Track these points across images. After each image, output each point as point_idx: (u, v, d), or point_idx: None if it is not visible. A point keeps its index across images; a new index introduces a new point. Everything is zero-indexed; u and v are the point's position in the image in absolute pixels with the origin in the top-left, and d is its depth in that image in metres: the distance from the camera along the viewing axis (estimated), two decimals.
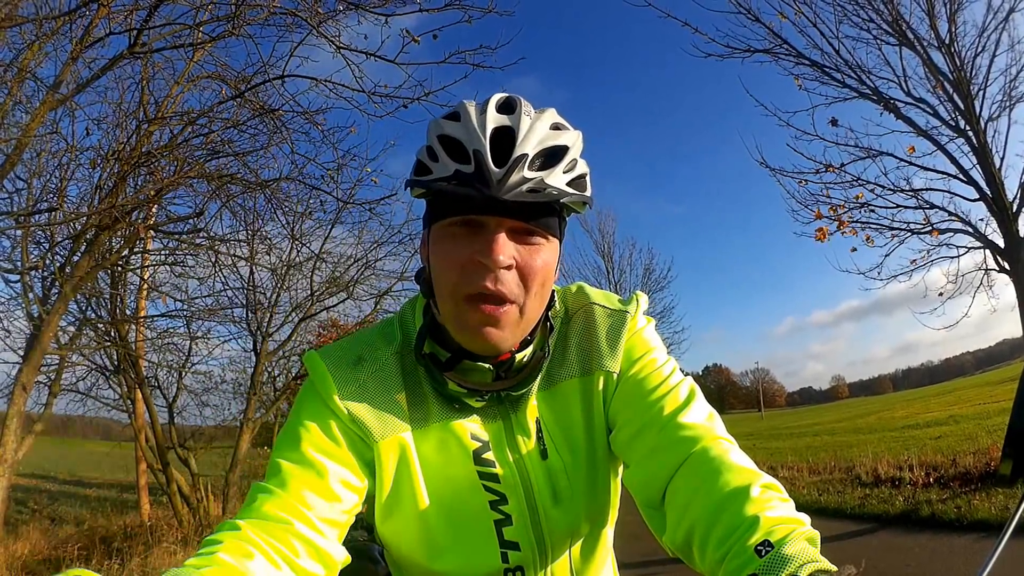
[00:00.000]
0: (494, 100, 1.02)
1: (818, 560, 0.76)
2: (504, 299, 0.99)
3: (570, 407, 1.14)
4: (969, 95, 9.45)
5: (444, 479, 1.10)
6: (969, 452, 10.32)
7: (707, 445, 1.01)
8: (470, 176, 0.94)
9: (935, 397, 37.24)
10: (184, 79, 7.50)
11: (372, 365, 1.11)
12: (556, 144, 1.00)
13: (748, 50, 10.21)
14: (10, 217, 6.90)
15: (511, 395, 1.10)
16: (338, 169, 7.65)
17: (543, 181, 0.96)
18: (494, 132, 0.97)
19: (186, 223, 7.65)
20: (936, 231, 9.91)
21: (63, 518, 12.63)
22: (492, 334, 1.00)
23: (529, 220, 0.99)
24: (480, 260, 0.97)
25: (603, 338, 1.15)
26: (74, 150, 7.23)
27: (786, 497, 0.90)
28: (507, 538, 1.11)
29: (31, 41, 6.11)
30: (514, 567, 1.12)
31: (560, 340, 1.17)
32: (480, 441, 1.10)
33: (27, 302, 7.18)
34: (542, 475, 1.12)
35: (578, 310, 1.20)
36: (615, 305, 1.20)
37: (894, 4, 9.62)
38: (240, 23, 5.52)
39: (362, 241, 11.57)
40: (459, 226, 0.99)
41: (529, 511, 1.11)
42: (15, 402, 6.60)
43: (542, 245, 1.02)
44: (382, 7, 5.57)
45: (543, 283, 1.03)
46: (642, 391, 1.12)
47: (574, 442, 1.15)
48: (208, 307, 9.88)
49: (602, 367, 1.14)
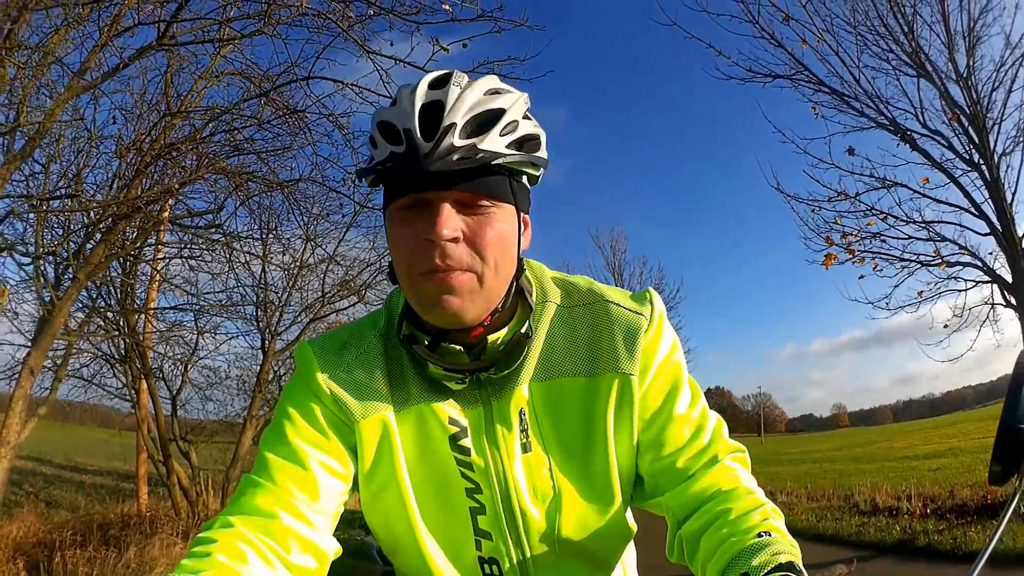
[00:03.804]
0: (427, 79, 1.02)
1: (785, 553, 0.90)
2: (455, 269, 0.97)
3: (569, 405, 1.09)
4: (984, 129, 9.50)
5: (425, 462, 1.09)
6: (967, 485, 10.32)
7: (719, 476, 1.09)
8: (402, 155, 0.94)
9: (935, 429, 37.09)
10: (209, 74, 7.54)
11: (356, 349, 1.13)
12: (489, 108, 0.98)
13: (769, 75, 10.31)
14: (27, 201, 6.92)
15: (492, 379, 1.07)
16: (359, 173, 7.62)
17: (475, 147, 0.94)
18: (423, 108, 0.96)
19: (203, 218, 7.68)
20: (945, 264, 9.91)
21: (58, 502, 12.62)
22: (450, 302, 0.98)
23: (471, 189, 0.97)
24: (426, 238, 0.96)
25: (618, 339, 1.10)
26: (95, 137, 7.27)
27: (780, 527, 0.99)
28: (480, 526, 1.10)
29: (57, 26, 6.15)
30: (488, 556, 1.11)
31: (563, 332, 1.12)
32: (458, 426, 1.08)
33: (39, 286, 7.19)
34: (520, 468, 1.08)
35: (585, 304, 1.15)
36: (631, 304, 1.14)
37: (914, 35, 9.69)
38: (270, 21, 5.56)
39: (376, 246, 11.54)
40: (407, 209, 0.99)
41: (502, 502, 1.08)
42: (22, 385, 6.60)
43: (492, 213, 0.99)
44: (413, 15, 5.60)
45: (502, 251, 1.00)
46: (661, 401, 1.12)
47: (568, 442, 1.10)
48: (219, 302, 9.88)
49: (617, 369, 1.08)
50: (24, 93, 5.85)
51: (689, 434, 1.11)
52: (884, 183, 9.98)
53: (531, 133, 1.02)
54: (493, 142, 0.96)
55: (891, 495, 10.28)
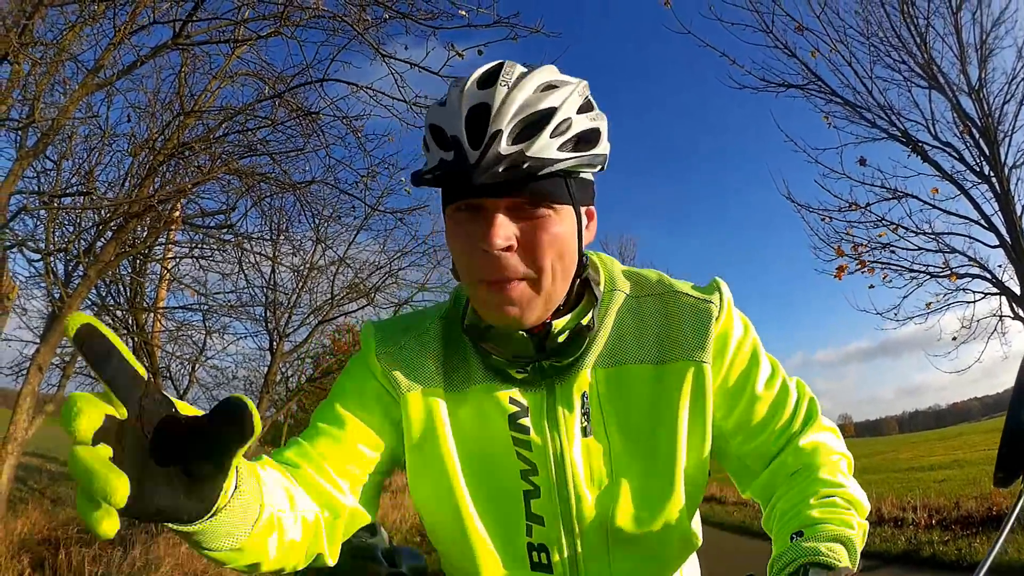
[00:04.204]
0: (475, 76, 0.98)
1: (823, 555, 0.91)
2: (510, 279, 0.96)
3: (635, 392, 1.08)
4: (995, 141, 9.49)
5: (479, 442, 1.09)
6: (972, 496, 10.23)
7: (801, 453, 1.12)
8: (451, 164, 0.92)
9: (940, 441, 36.88)
10: (223, 74, 7.57)
11: (416, 331, 1.15)
12: (539, 109, 0.93)
13: (783, 84, 10.32)
14: (39, 197, 6.95)
15: (555, 366, 1.06)
16: (371, 176, 7.66)
17: (523, 154, 0.90)
18: (470, 112, 0.92)
19: (215, 218, 7.71)
20: (954, 275, 9.89)
21: (63, 499, 12.64)
22: (509, 311, 0.98)
23: (524, 194, 0.94)
24: (479, 246, 0.94)
25: (689, 327, 1.09)
26: (108, 135, 7.31)
27: (848, 508, 1.03)
28: (533, 511, 1.07)
29: (73, 23, 6.18)
30: (537, 543, 1.08)
31: (632, 321, 1.11)
32: (519, 406, 1.07)
33: (49, 283, 7.22)
34: (579, 451, 1.07)
35: (655, 295, 1.14)
36: (699, 293, 1.12)
37: (927, 47, 9.68)
38: (285, 23, 5.58)
39: (386, 249, 11.60)
40: (462, 210, 0.97)
41: (558, 486, 1.06)
42: (30, 381, 6.63)
43: (548, 217, 0.96)
44: (429, 19, 5.60)
45: (559, 255, 0.98)
46: (740, 384, 1.12)
47: (631, 428, 1.08)
48: (228, 303, 9.91)
49: (689, 357, 1.07)
50: (38, 89, 5.90)
51: (771, 413, 1.13)
52: (895, 194, 9.96)
53: (587, 130, 0.98)
54: (543, 147, 0.91)
55: (896, 505, 10.20)
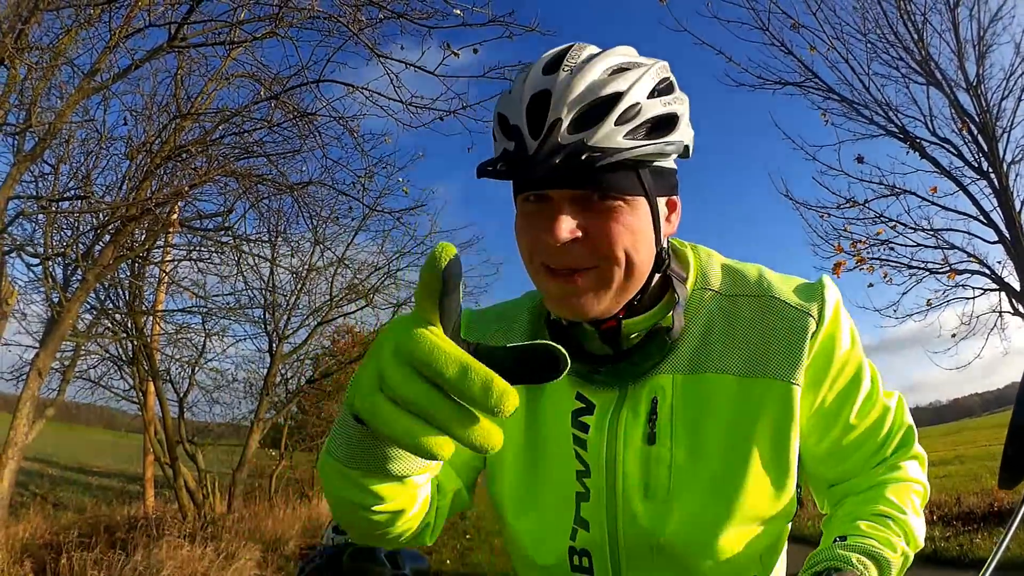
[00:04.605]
0: (542, 59, 0.93)
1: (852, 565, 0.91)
2: (575, 270, 0.92)
3: (714, 403, 1.00)
4: (994, 137, 9.48)
5: (542, 436, 1.07)
6: (973, 492, 10.24)
7: (893, 489, 1.06)
8: (512, 154, 0.86)
9: (941, 437, 36.84)
10: (219, 76, 7.57)
11: (505, 322, 1.16)
12: (603, 94, 0.86)
13: (780, 82, 10.30)
14: (37, 201, 6.94)
15: (631, 368, 1.02)
16: (368, 176, 7.67)
17: (583, 143, 0.83)
18: (531, 100, 0.87)
19: (212, 220, 7.70)
20: (954, 272, 9.88)
21: (65, 504, 12.62)
22: (573, 303, 0.94)
23: (589, 186, 0.89)
24: (543, 237, 0.90)
25: (782, 341, 1.01)
26: (104, 139, 7.30)
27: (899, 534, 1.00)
28: (582, 514, 1.03)
29: (68, 27, 6.17)
30: (580, 548, 1.04)
31: (721, 324, 1.04)
32: (586, 403, 1.04)
33: (48, 287, 7.21)
34: (637, 458, 1.01)
35: (751, 296, 1.06)
36: (798, 301, 1.03)
37: (924, 44, 9.66)
38: (281, 24, 5.58)
39: (384, 250, 11.61)
40: (530, 201, 0.94)
41: (607, 490, 1.01)
42: (29, 386, 6.61)
43: (617, 208, 0.91)
44: (425, 19, 5.59)
45: (631, 247, 0.92)
46: (836, 407, 1.05)
47: (702, 442, 1.00)
48: (227, 305, 9.93)
49: (777, 376, 0.99)
50: (35, 94, 5.88)
51: (864, 438, 1.07)
52: (893, 190, 9.95)
53: (661, 114, 0.91)
54: (607, 135, 0.85)
55: None
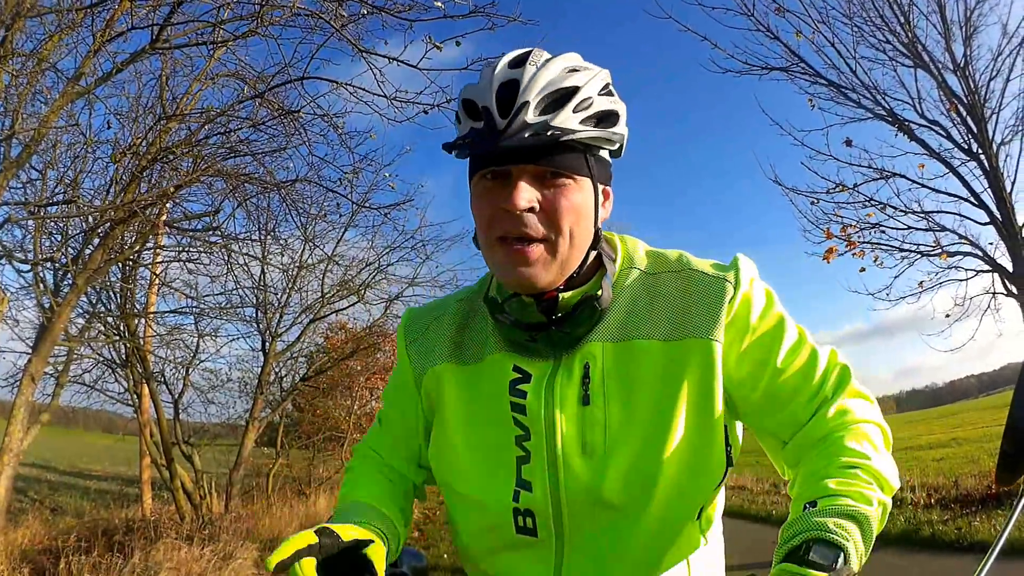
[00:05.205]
0: (507, 57, 1.07)
1: (831, 532, 0.90)
2: (529, 239, 1.04)
3: (642, 367, 1.10)
4: (982, 118, 9.46)
5: (483, 410, 1.17)
6: (971, 475, 10.30)
7: (829, 421, 1.10)
8: (481, 131, 1.02)
9: (938, 419, 36.95)
10: (203, 77, 7.54)
11: (438, 312, 1.30)
12: (564, 86, 1.03)
13: (765, 68, 10.26)
14: (25, 208, 6.91)
15: (564, 336, 1.11)
16: (355, 173, 7.67)
17: (547, 124, 0.99)
18: (500, 86, 1.03)
19: (201, 220, 7.68)
20: (946, 254, 9.89)
21: (63, 509, 12.63)
22: (523, 272, 1.05)
23: (547, 163, 1.03)
24: (503, 207, 1.03)
25: (702, 305, 1.11)
26: (91, 143, 7.27)
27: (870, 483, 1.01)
28: (523, 476, 1.11)
29: (51, 32, 6.14)
30: (524, 509, 1.11)
31: (646, 297, 1.14)
32: (522, 373, 1.14)
33: (39, 293, 7.19)
34: (574, 419, 1.09)
35: (672, 271, 1.17)
36: (716, 271, 1.15)
37: (911, 26, 9.65)
38: (263, 22, 5.55)
39: (374, 245, 11.60)
40: (488, 179, 1.07)
41: (547, 451, 1.09)
42: (23, 392, 6.60)
43: (568, 185, 1.05)
44: (406, 12, 5.56)
45: (576, 222, 1.06)
46: (762, 358, 1.12)
47: (633, 403, 1.09)
48: (219, 305, 9.93)
49: (698, 335, 1.09)
50: (19, 100, 5.85)
51: (798, 381, 1.13)
52: (882, 174, 9.94)
53: (607, 109, 1.07)
54: (566, 119, 1.01)
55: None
